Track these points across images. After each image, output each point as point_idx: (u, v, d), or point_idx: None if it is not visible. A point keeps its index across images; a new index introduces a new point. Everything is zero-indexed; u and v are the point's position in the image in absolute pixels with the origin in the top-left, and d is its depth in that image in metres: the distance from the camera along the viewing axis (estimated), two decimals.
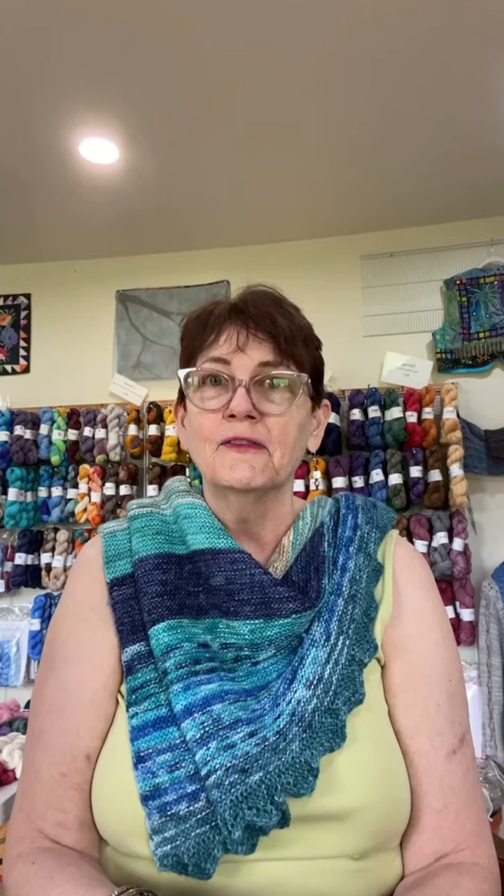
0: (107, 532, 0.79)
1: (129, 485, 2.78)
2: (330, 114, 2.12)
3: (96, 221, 2.78)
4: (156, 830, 0.59)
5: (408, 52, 1.85)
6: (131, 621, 0.71)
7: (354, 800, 0.62)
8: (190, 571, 0.73)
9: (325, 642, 0.68)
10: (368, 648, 0.69)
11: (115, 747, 0.67)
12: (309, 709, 0.63)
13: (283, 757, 0.60)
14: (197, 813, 0.59)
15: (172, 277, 3.03)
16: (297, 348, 0.73)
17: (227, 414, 0.70)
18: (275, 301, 0.75)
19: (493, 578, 2.46)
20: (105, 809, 0.65)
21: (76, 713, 0.69)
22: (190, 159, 2.36)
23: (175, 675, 0.65)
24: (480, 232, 2.78)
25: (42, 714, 0.71)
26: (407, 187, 2.56)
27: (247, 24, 1.74)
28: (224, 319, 0.73)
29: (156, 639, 0.68)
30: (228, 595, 0.70)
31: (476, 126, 2.19)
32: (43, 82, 1.96)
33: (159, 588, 0.71)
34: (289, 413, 0.72)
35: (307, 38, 1.80)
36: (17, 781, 1.69)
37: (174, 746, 0.63)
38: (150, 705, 0.66)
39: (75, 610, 0.75)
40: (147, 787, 0.61)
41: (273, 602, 0.69)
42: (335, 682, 0.65)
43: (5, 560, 2.86)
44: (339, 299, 2.86)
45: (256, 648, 0.69)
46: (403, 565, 0.78)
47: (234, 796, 0.57)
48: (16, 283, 3.15)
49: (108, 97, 2.04)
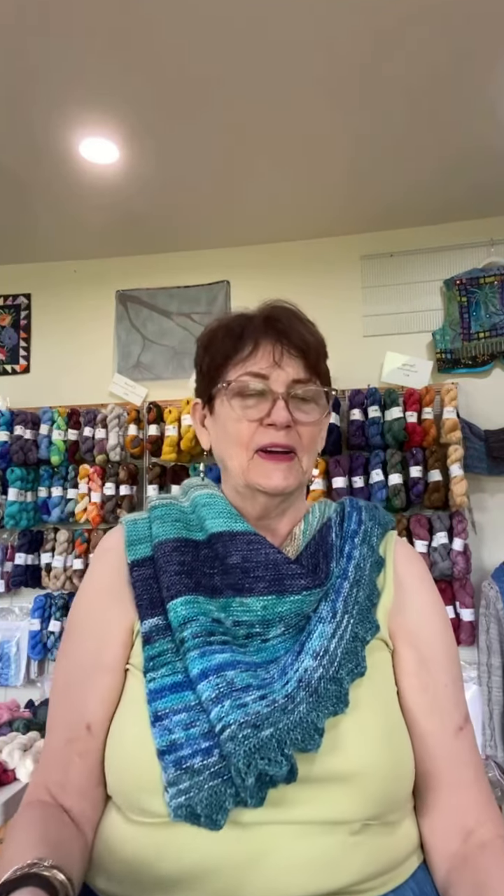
0: (129, 520, 0.86)
1: (129, 485, 2.78)
2: (330, 114, 2.12)
3: (96, 221, 2.78)
4: (171, 783, 0.63)
5: (408, 52, 1.85)
6: (150, 597, 0.76)
7: (357, 761, 0.66)
8: (206, 555, 0.79)
9: (332, 619, 0.74)
10: (370, 628, 0.75)
11: (130, 709, 0.72)
12: (315, 676, 0.68)
13: (291, 716, 0.64)
14: (210, 767, 0.63)
15: (172, 277, 3.03)
16: (321, 365, 0.83)
17: (268, 423, 0.78)
18: (299, 318, 0.84)
19: (493, 578, 2.45)
20: (121, 766, 0.70)
21: (83, 685, 0.75)
22: (190, 159, 2.36)
23: (192, 643, 0.71)
24: (480, 232, 2.78)
25: (57, 685, 0.79)
26: (407, 187, 2.56)
27: (247, 24, 1.75)
28: (260, 333, 0.80)
29: (174, 611, 0.73)
30: (244, 572, 0.76)
31: (476, 126, 2.19)
32: (43, 82, 1.96)
33: (177, 567, 0.77)
34: (317, 423, 0.81)
35: (307, 38, 1.80)
36: (17, 781, 1.71)
37: (189, 708, 0.68)
38: (166, 672, 0.71)
39: (92, 592, 0.82)
40: (164, 742, 0.66)
41: (286, 579, 0.75)
42: (339, 655, 0.71)
43: (5, 560, 2.86)
44: (339, 299, 2.86)
45: (267, 625, 0.74)
46: (404, 560, 0.84)
47: (247, 747, 0.62)
48: (16, 283, 3.15)
49: (108, 97, 2.04)
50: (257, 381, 0.79)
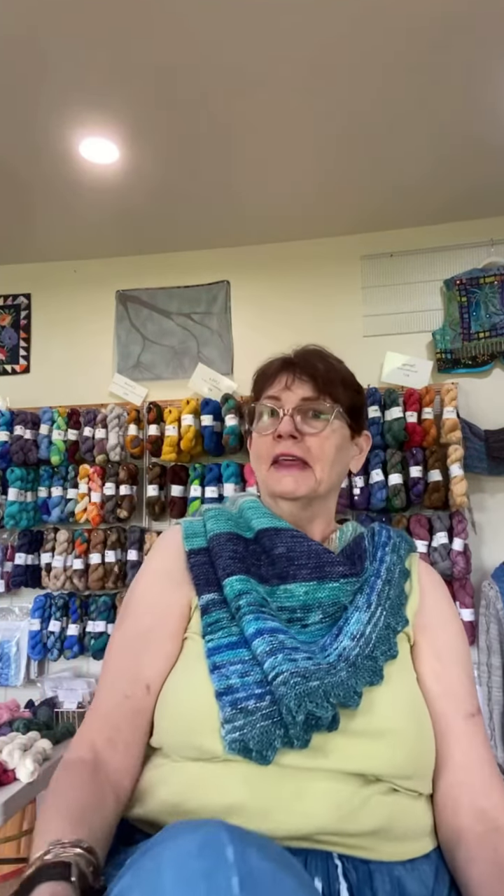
0: (185, 520, 0.98)
1: (129, 485, 2.78)
2: (330, 114, 2.13)
3: (96, 221, 2.78)
4: (227, 720, 0.72)
5: (407, 52, 1.85)
6: (206, 578, 0.87)
7: (390, 721, 0.75)
8: (254, 549, 0.90)
9: (367, 609, 0.84)
10: (400, 620, 0.85)
11: (189, 664, 0.81)
12: (353, 654, 0.78)
13: (333, 678, 0.73)
14: (263, 709, 0.72)
15: (172, 277, 3.03)
16: (333, 388, 0.93)
17: (276, 434, 0.91)
18: (318, 354, 0.97)
19: (493, 578, 2.45)
20: (179, 709, 0.78)
21: (144, 650, 0.84)
22: (190, 159, 2.36)
23: (247, 609, 0.80)
24: (480, 232, 2.79)
25: (115, 650, 0.87)
26: (407, 187, 2.56)
27: (247, 24, 1.75)
28: (281, 369, 0.95)
29: (230, 586, 0.83)
30: (289, 561, 0.86)
31: (476, 126, 2.20)
32: (43, 82, 1.96)
33: (231, 554, 0.87)
34: (324, 433, 0.91)
35: (308, 38, 1.80)
36: (17, 781, 1.70)
37: (244, 661, 0.77)
38: (223, 634, 0.81)
39: (152, 574, 0.92)
40: (222, 685, 0.75)
41: (326, 566, 0.86)
42: (374, 639, 0.81)
43: (5, 560, 2.86)
44: (339, 299, 2.87)
45: (308, 610, 0.84)
46: (426, 574, 0.96)
47: (297, 692, 0.70)
48: (16, 283, 3.15)
49: (108, 97, 2.04)
50: (272, 403, 0.94)
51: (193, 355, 2.98)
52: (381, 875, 0.68)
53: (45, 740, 1.92)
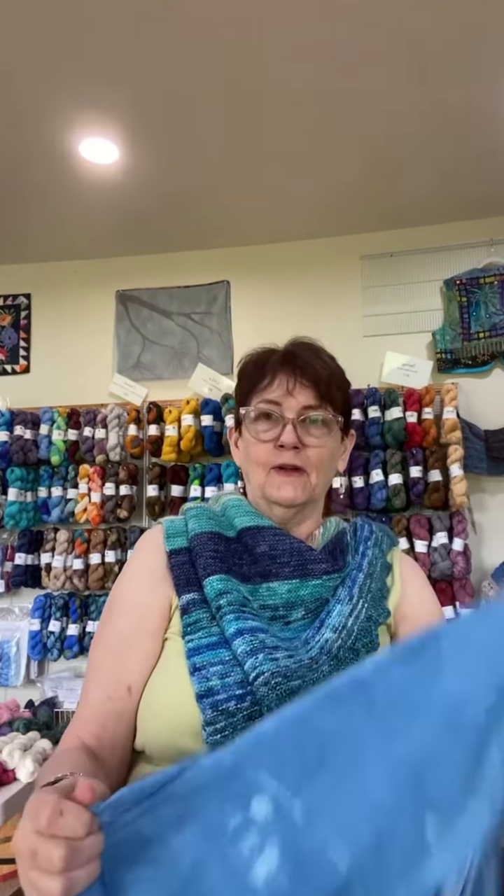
0: (166, 519, 0.98)
1: (129, 485, 2.78)
2: (330, 114, 2.13)
3: (96, 221, 2.78)
4: (209, 723, 0.72)
5: (408, 52, 1.85)
6: (186, 578, 0.86)
7: None
8: (235, 548, 0.90)
9: (349, 601, 0.85)
10: (382, 612, 0.87)
11: (169, 665, 0.82)
12: (335, 646, 0.80)
13: (315, 674, 0.75)
14: (244, 710, 0.73)
15: (172, 277, 3.03)
16: (332, 393, 0.93)
17: (278, 444, 0.89)
18: (315, 353, 0.95)
19: (493, 578, 2.45)
20: (161, 711, 0.79)
21: (125, 651, 0.84)
22: (190, 159, 2.36)
23: (228, 609, 0.80)
24: (480, 232, 2.78)
25: (99, 651, 0.87)
26: (407, 187, 2.56)
27: (247, 24, 1.75)
28: (278, 367, 0.92)
29: (210, 586, 0.83)
30: (271, 559, 0.87)
31: (476, 127, 2.19)
32: (43, 83, 1.96)
33: (212, 553, 0.87)
34: (325, 445, 0.91)
35: (308, 39, 1.80)
36: (17, 781, 1.71)
37: (224, 662, 0.77)
38: (202, 635, 0.81)
39: (134, 574, 0.92)
40: (202, 687, 0.75)
41: (308, 563, 0.86)
42: (356, 631, 0.82)
43: (5, 560, 2.86)
44: (339, 299, 2.86)
45: (290, 608, 0.85)
46: (407, 567, 0.97)
47: (279, 692, 0.72)
48: (16, 283, 3.15)
49: (108, 97, 2.04)
50: (271, 408, 0.91)
51: (193, 355, 2.98)
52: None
53: (45, 740, 1.92)
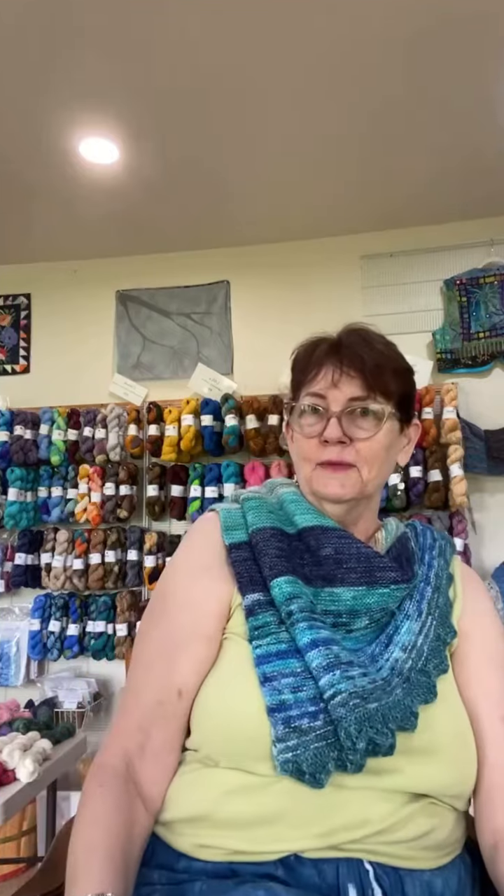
0: (222, 508, 0.92)
1: (129, 485, 2.78)
2: (331, 115, 2.13)
3: (96, 221, 2.78)
4: (280, 739, 0.68)
5: (408, 53, 1.85)
6: (250, 576, 0.82)
7: (439, 740, 0.74)
8: (297, 546, 0.85)
9: (418, 618, 0.81)
10: (450, 632, 0.83)
11: (234, 671, 0.77)
12: (406, 667, 0.76)
13: (390, 698, 0.71)
14: (317, 729, 0.69)
15: (172, 277, 3.03)
16: (384, 380, 0.86)
17: (322, 440, 0.84)
18: (365, 338, 0.89)
19: (493, 578, 2.45)
20: (225, 722, 0.74)
21: (178, 653, 0.79)
22: (190, 159, 2.36)
23: (300, 616, 0.76)
24: (480, 232, 2.79)
25: (147, 651, 0.83)
26: (407, 187, 2.56)
27: (247, 25, 1.75)
28: (324, 358, 0.87)
29: (279, 588, 0.79)
30: (337, 563, 0.82)
31: (476, 127, 2.19)
32: (43, 83, 1.96)
33: (277, 552, 0.82)
34: (375, 438, 0.84)
35: (308, 39, 1.80)
36: (17, 781, 1.71)
37: (295, 674, 0.73)
38: (271, 641, 0.76)
39: (188, 568, 0.87)
40: (274, 701, 0.71)
41: (377, 571, 0.81)
42: (426, 651, 0.78)
43: (5, 560, 2.86)
44: (339, 299, 2.86)
45: (354, 616, 0.80)
46: (468, 579, 0.93)
47: (358, 715, 0.68)
48: (16, 283, 3.15)
49: (108, 97, 2.04)
50: (316, 401, 0.86)
51: (193, 355, 2.98)
52: (411, 880, 0.68)
53: (45, 740, 1.92)
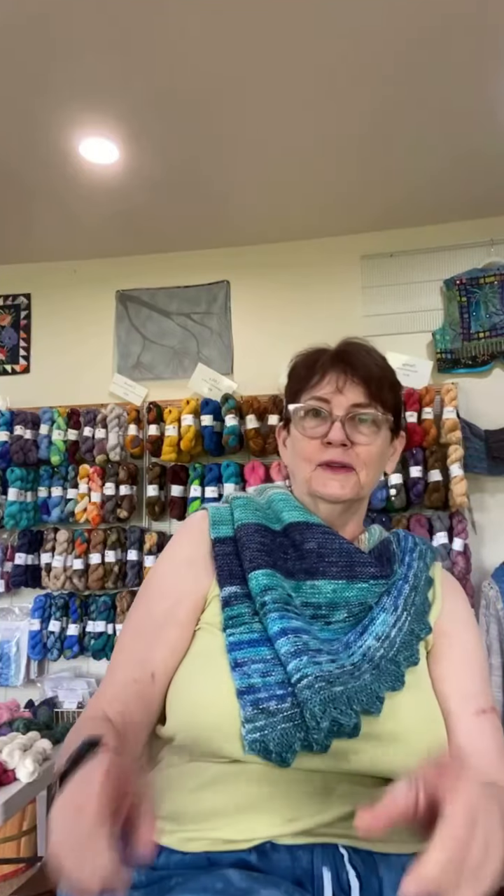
0: (212, 506, 0.97)
1: (129, 485, 2.78)
2: (331, 116, 2.13)
3: (96, 221, 2.78)
4: (248, 720, 0.72)
5: (408, 53, 1.85)
6: (230, 570, 0.86)
7: (406, 726, 0.76)
8: (281, 542, 0.89)
9: (393, 612, 0.85)
10: (424, 628, 0.86)
11: (206, 658, 0.81)
12: (377, 655, 0.79)
13: (357, 682, 0.74)
14: (284, 711, 0.72)
15: (172, 277, 3.03)
16: (384, 392, 0.91)
17: (325, 441, 0.89)
18: (367, 352, 0.93)
19: (493, 578, 2.46)
20: (197, 705, 0.77)
21: (154, 637, 0.83)
22: (190, 159, 2.36)
23: (272, 606, 0.80)
24: (480, 232, 2.79)
25: (129, 631, 0.88)
26: (407, 187, 2.56)
27: (248, 26, 1.75)
28: (329, 365, 0.91)
29: (255, 580, 0.83)
30: (319, 557, 0.86)
31: (476, 127, 2.20)
32: (43, 82, 1.96)
33: (259, 546, 0.87)
34: (374, 443, 0.90)
35: (308, 39, 1.80)
36: (16, 781, 1.71)
37: (265, 660, 0.77)
38: (244, 630, 0.80)
39: (172, 560, 0.92)
40: (244, 684, 0.74)
41: (357, 566, 0.86)
42: (398, 643, 0.81)
43: (5, 560, 2.86)
44: (339, 299, 2.86)
45: (333, 608, 0.84)
46: (448, 583, 0.97)
47: (322, 697, 0.71)
48: (16, 283, 3.15)
49: (108, 97, 2.04)
50: (320, 405, 0.90)
51: (193, 355, 2.98)
52: (386, 862, 0.70)
53: (45, 740, 1.92)
